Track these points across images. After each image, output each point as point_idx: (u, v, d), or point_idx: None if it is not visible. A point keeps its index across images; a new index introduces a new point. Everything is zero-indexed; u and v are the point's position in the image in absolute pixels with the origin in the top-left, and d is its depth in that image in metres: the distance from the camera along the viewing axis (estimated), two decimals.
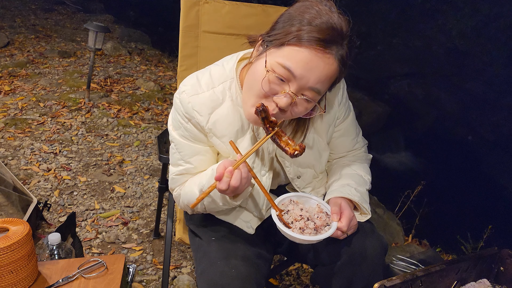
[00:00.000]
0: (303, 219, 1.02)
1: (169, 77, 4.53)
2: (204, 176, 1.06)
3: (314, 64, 0.89)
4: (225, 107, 1.06)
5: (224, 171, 0.91)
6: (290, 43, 0.90)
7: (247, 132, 1.08)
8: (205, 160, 1.11)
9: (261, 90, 0.93)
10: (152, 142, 3.11)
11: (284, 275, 2.01)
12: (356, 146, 1.25)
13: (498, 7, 2.31)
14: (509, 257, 1.14)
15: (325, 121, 1.14)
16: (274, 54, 0.92)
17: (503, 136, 2.35)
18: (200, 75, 1.09)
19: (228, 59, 1.11)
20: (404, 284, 1.00)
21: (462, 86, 2.57)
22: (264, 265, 1.12)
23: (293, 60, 0.89)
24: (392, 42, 3.04)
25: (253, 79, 0.96)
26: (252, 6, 1.62)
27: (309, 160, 1.14)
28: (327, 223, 1.02)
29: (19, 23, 5.92)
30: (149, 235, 2.16)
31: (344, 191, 1.10)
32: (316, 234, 0.99)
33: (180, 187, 1.15)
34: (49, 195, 2.38)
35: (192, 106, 1.05)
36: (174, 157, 1.12)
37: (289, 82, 0.91)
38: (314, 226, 1.00)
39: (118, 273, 1.09)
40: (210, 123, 1.05)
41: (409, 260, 1.95)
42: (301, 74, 0.90)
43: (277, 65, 0.91)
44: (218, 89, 1.06)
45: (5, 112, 3.28)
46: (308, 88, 0.92)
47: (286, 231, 0.97)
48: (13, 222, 1.05)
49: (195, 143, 1.09)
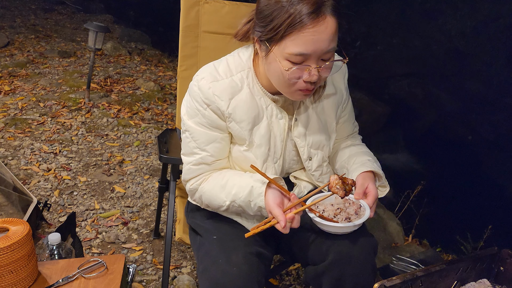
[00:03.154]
0: (342, 210, 1.08)
1: (169, 77, 4.53)
2: (238, 188, 1.09)
3: (317, 35, 0.94)
4: (243, 94, 1.10)
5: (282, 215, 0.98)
6: (287, 33, 0.94)
7: (262, 119, 1.12)
8: (220, 148, 1.13)
9: (290, 82, 1.01)
10: (152, 142, 3.11)
11: (284, 275, 2.01)
12: (355, 130, 1.35)
13: (498, 7, 2.31)
14: (509, 257, 1.14)
15: (335, 102, 1.21)
16: (280, 49, 0.97)
17: (503, 136, 2.35)
18: (216, 64, 1.13)
19: (244, 50, 1.15)
20: (404, 284, 1.00)
21: (462, 86, 2.57)
22: (265, 264, 1.12)
23: (300, 45, 0.95)
24: (392, 42, 3.05)
25: (278, 77, 1.02)
26: (252, 6, 1.61)
27: (320, 139, 1.19)
28: (360, 205, 1.09)
29: (19, 23, 5.92)
30: (149, 235, 2.16)
31: (368, 165, 1.15)
32: (358, 216, 1.06)
33: (197, 181, 1.15)
34: (49, 195, 2.38)
35: (212, 91, 1.08)
36: (189, 146, 1.14)
37: (307, 60, 0.97)
38: (354, 211, 1.07)
39: (118, 273, 1.09)
40: (230, 108, 1.09)
41: (409, 260, 1.95)
42: (312, 50, 0.95)
43: (289, 56, 0.96)
44: (237, 77, 1.11)
45: (5, 112, 3.28)
46: (324, 53, 0.97)
47: (321, 222, 1.03)
48: (13, 222, 1.05)
49: (211, 130, 1.11)
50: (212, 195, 1.13)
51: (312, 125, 1.18)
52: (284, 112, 1.14)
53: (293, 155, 1.20)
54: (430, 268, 1.06)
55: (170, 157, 1.49)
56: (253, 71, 1.12)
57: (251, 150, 1.13)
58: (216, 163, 1.15)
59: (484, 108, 2.47)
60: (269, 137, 1.13)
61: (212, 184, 1.13)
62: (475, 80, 2.50)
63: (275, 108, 1.14)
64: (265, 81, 1.12)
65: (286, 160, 1.20)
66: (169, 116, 3.56)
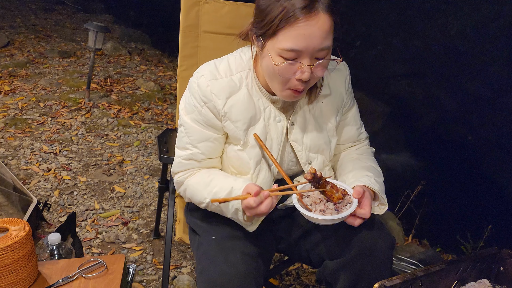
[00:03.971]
0: (322, 201, 1.03)
1: (169, 77, 4.53)
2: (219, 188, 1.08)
3: (310, 31, 0.94)
4: (241, 94, 1.10)
5: (259, 191, 0.95)
6: (280, 27, 0.95)
7: (259, 121, 1.12)
8: (212, 147, 1.14)
9: (282, 78, 1.01)
10: (152, 142, 3.11)
11: (284, 275, 2.01)
12: (360, 137, 1.30)
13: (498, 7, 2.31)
14: (509, 257, 1.14)
15: (334, 105, 1.19)
16: (273, 44, 0.98)
17: (503, 136, 2.34)
18: (217, 63, 1.13)
19: (245, 50, 1.15)
20: (404, 284, 1.00)
21: (462, 86, 2.57)
22: (264, 264, 1.12)
23: (292, 40, 0.95)
24: (392, 42, 3.04)
25: (270, 73, 1.03)
26: (252, 6, 1.61)
27: (319, 143, 1.18)
28: (348, 202, 1.03)
29: (19, 23, 5.92)
30: (149, 235, 2.16)
31: (364, 180, 1.10)
32: (338, 213, 1.00)
33: (184, 174, 1.16)
34: (49, 195, 2.38)
35: (210, 89, 1.08)
36: (183, 140, 1.15)
37: (299, 57, 0.96)
38: (334, 207, 1.01)
39: (118, 273, 1.09)
40: (227, 107, 1.09)
41: (409, 260, 1.95)
42: (304, 46, 0.95)
43: (281, 51, 0.97)
44: (236, 77, 1.11)
45: (5, 112, 3.28)
46: (317, 51, 0.97)
47: (307, 214, 0.99)
48: (13, 222, 1.05)
49: (206, 129, 1.12)
50: (195, 189, 1.13)
51: (309, 128, 1.17)
52: (282, 115, 1.14)
53: (291, 157, 1.20)
54: (430, 268, 1.06)
55: (170, 157, 1.49)
56: (254, 72, 1.13)
57: (245, 150, 1.13)
58: (206, 161, 1.16)
59: (484, 108, 2.47)
60: (265, 139, 1.13)
61: (197, 180, 1.14)
62: (475, 80, 2.50)
63: (274, 110, 1.13)
64: (264, 81, 1.12)
65: (285, 161, 1.20)
66: (169, 116, 3.56)
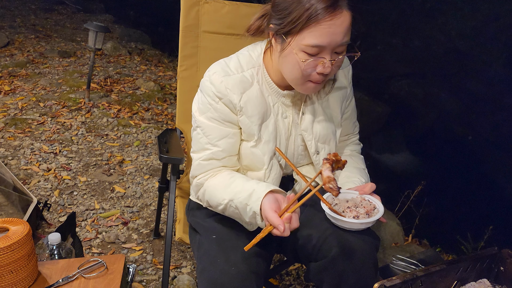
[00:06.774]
0: (351, 207, 1.08)
1: (169, 77, 4.53)
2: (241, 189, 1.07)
3: (334, 28, 0.97)
4: (254, 89, 1.13)
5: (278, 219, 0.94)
6: (305, 26, 0.97)
7: (270, 116, 1.15)
8: (232, 143, 1.14)
9: (304, 73, 1.03)
10: (152, 142, 3.11)
11: (284, 275, 2.01)
12: (354, 130, 1.37)
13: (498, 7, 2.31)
14: (509, 257, 1.14)
15: (339, 97, 1.23)
16: (297, 41, 1.00)
17: (503, 136, 2.34)
18: (227, 61, 1.15)
19: (253, 48, 1.18)
20: (404, 284, 1.00)
21: (462, 86, 2.56)
22: (264, 264, 1.12)
23: (317, 37, 0.97)
24: (392, 42, 3.04)
25: (292, 68, 1.05)
26: (252, 6, 1.62)
27: (327, 133, 1.21)
28: (374, 207, 1.08)
29: (19, 23, 5.92)
30: (149, 235, 2.16)
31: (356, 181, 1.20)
32: (369, 217, 1.05)
33: (205, 176, 1.16)
34: (49, 195, 2.38)
35: (225, 85, 1.10)
36: (201, 142, 1.15)
37: (321, 52, 1.00)
38: (365, 211, 1.06)
39: (118, 273, 1.09)
40: (242, 101, 1.11)
41: (409, 260, 1.94)
42: (328, 42, 0.98)
43: (305, 47, 0.99)
44: (247, 73, 1.13)
45: (5, 112, 3.28)
46: (338, 46, 1.01)
47: (346, 220, 1.03)
48: (13, 222, 1.05)
49: (223, 125, 1.13)
50: (214, 190, 1.13)
51: (318, 118, 1.21)
52: (289, 111, 1.18)
53: (301, 150, 1.23)
54: (430, 268, 1.06)
55: (170, 157, 1.49)
56: (264, 68, 1.15)
57: (258, 146, 1.14)
58: (226, 159, 1.15)
59: (484, 108, 2.46)
60: (275, 134, 1.16)
61: (217, 181, 1.14)
62: (475, 80, 2.49)
63: (281, 107, 1.17)
64: (276, 77, 1.14)
65: (294, 155, 1.22)
66: (169, 116, 3.56)
